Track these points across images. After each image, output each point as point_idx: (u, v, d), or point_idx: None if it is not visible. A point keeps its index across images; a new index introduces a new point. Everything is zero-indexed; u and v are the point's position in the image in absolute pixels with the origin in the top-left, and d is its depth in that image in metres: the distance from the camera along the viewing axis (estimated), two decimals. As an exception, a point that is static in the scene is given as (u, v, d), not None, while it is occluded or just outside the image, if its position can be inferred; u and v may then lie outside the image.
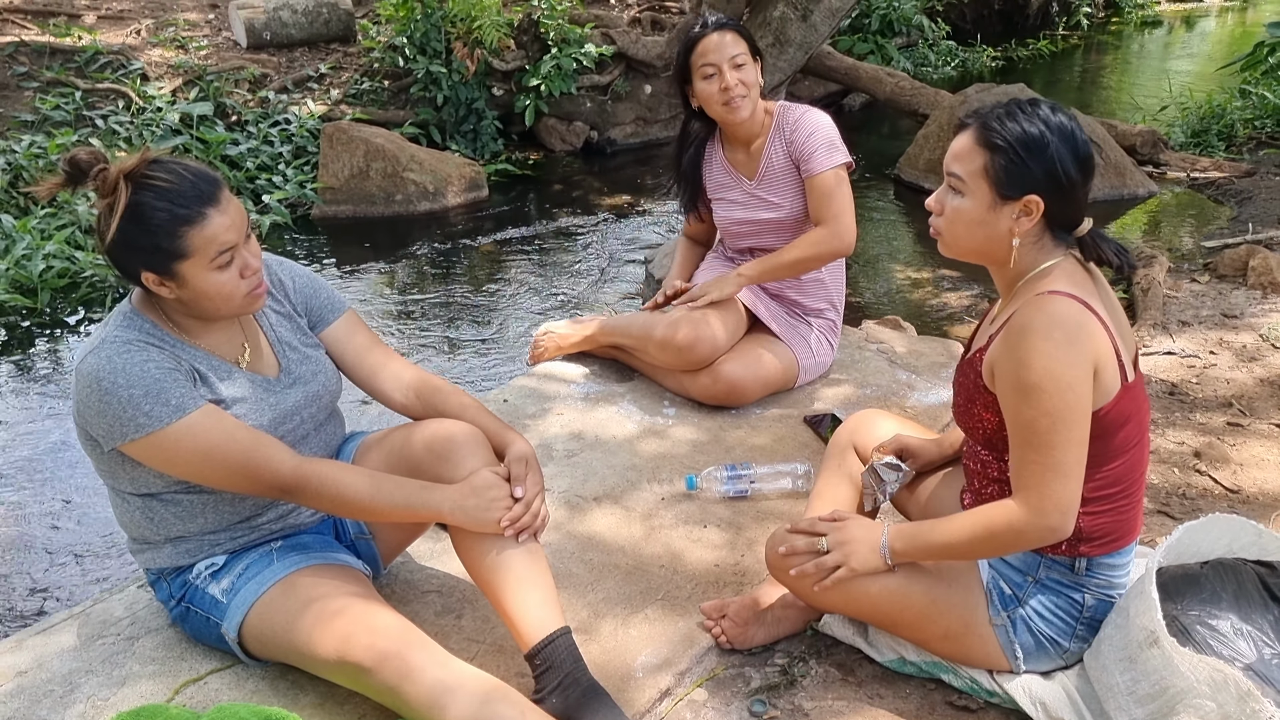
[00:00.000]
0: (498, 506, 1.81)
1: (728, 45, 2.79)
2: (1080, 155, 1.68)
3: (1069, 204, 1.72)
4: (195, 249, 1.69)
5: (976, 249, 1.78)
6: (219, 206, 1.71)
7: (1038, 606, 1.80)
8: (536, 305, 4.80)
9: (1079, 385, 1.61)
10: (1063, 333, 1.62)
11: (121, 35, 7.46)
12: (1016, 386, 1.65)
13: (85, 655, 1.95)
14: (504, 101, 7.26)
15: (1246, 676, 1.51)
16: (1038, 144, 1.67)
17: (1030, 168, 1.68)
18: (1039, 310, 1.64)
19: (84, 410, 1.73)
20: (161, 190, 1.67)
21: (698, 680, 1.98)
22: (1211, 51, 11.18)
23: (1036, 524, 1.66)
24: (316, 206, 5.97)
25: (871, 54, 9.01)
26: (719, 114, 2.88)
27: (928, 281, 4.88)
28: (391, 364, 2.07)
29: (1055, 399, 1.61)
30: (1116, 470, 1.73)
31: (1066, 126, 1.69)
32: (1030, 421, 1.64)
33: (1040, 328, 1.62)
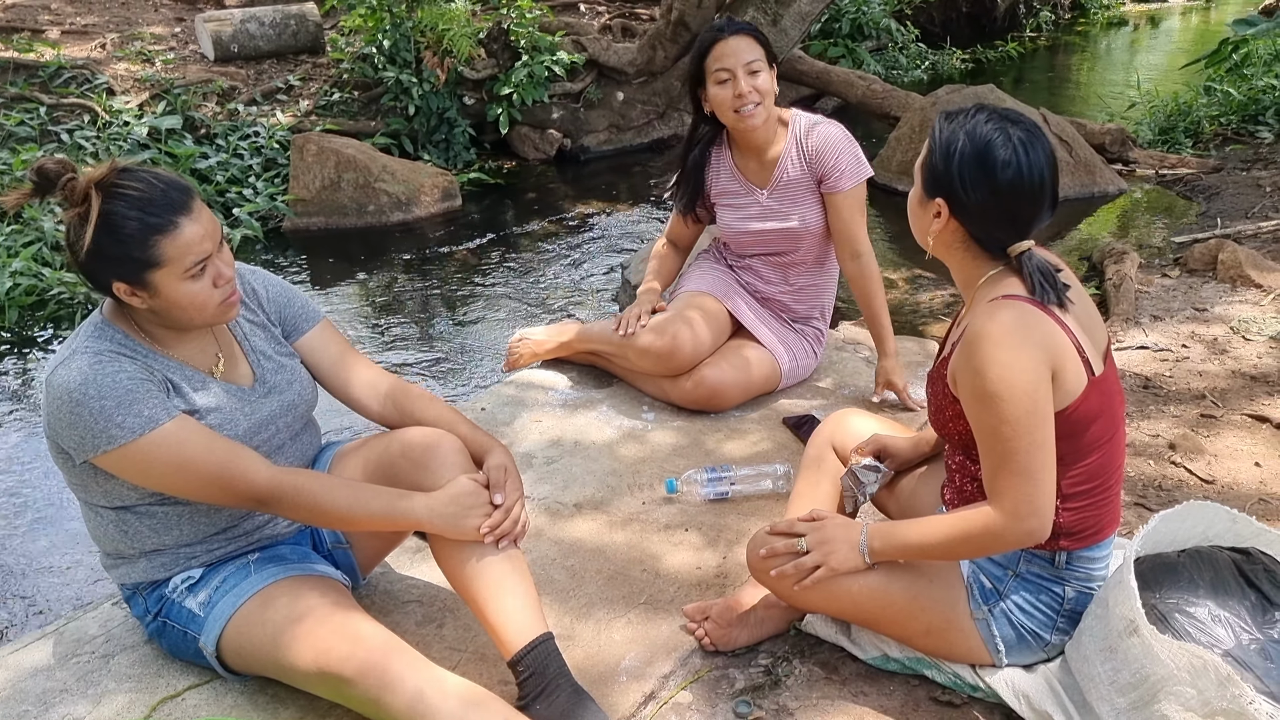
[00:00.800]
0: (477, 514, 1.80)
1: (743, 51, 2.73)
2: (993, 178, 1.64)
3: (978, 222, 1.70)
4: (168, 258, 1.67)
5: (918, 238, 1.83)
6: (191, 215, 1.69)
7: (1019, 600, 1.81)
8: (512, 314, 4.78)
9: (1037, 389, 1.61)
10: (1015, 338, 1.61)
11: (86, 50, 7.39)
12: (976, 395, 1.65)
13: (60, 674, 1.92)
14: (476, 110, 7.24)
15: (1225, 662, 1.52)
16: (947, 153, 1.68)
17: (940, 173, 1.70)
18: (990, 317, 1.64)
19: (55, 423, 1.70)
20: (132, 199, 1.65)
21: (682, 683, 1.97)
22: (1176, 50, 11.31)
23: (1013, 528, 1.66)
24: (288, 219, 5.93)
25: (843, 58, 9.05)
26: (730, 121, 2.82)
27: (904, 282, 4.90)
28: (367, 372, 2.05)
29: (1014, 406, 1.61)
30: (1092, 465, 1.74)
31: (985, 142, 1.65)
32: (993, 429, 1.64)
33: (992, 335, 1.62)
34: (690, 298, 3.02)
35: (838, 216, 2.88)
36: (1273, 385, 3.15)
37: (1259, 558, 1.72)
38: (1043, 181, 1.66)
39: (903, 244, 5.47)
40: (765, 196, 2.94)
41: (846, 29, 9.40)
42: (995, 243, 1.72)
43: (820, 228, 2.94)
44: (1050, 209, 1.71)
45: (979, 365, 1.63)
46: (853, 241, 2.89)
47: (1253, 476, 2.65)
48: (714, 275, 3.10)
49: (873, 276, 2.92)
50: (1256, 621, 1.62)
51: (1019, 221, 1.69)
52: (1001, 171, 1.64)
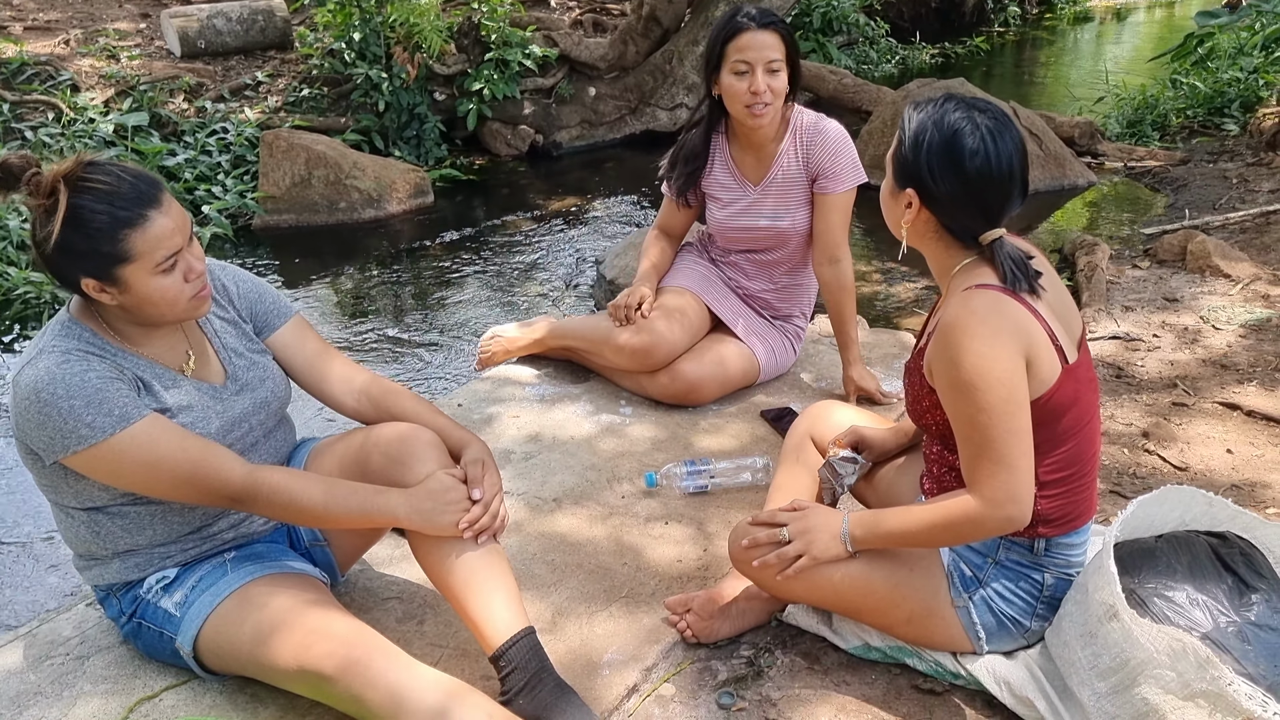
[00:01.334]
0: (455, 509, 1.78)
1: (768, 47, 2.67)
2: (961, 167, 1.65)
3: (948, 212, 1.71)
4: (138, 253, 1.64)
5: (891, 229, 1.83)
6: (160, 208, 1.66)
7: (998, 588, 1.81)
8: (486, 310, 4.76)
9: (1011, 377, 1.62)
10: (988, 327, 1.62)
11: (50, 46, 7.28)
12: (952, 385, 1.66)
13: (33, 677, 1.89)
14: (446, 106, 7.19)
15: (1204, 645, 1.53)
16: (915, 143, 1.69)
17: (910, 163, 1.70)
18: (963, 306, 1.65)
19: (23, 424, 1.67)
20: (101, 193, 1.62)
21: (665, 675, 1.97)
22: (1142, 44, 11.43)
23: (993, 515, 1.66)
24: (258, 216, 5.87)
25: (813, 52, 9.08)
26: (739, 114, 2.77)
27: (877, 275, 4.92)
28: (341, 368, 2.03)
29: (989, 394, 1.61)
30: (1068, 453, 1.75)
31: (953, 131, 1.65)
32: (969, 418, 1.65)
33: (965, 325, 1.63)
34: (669, 294, 3.01)
35: (822, 218, 2.86)
36: (1243, 373, 3.19)
37: (1235, 541, 1.74)
38: (1011, 169, 1.67)
39: (877, 237, 5.49)
40: (756, 193, 2.92)
41: (817, 23, 9.43)
42: (966, 232, 1.73)
43: (809, 228, 2.92)
44: (1020, 197, 1.71)
45: (954, 355, 1.64)
46: (833, 247, 2.87)
47: (1225, 463, 2.68)
48: (695, 271, 3.08)
49: (846, 286, 2.89)
50: (1234, 604, 1.64)
51: (989, 210, 1.70)
52: (970, 160, 1.65)
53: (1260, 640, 1.58)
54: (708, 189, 3.01)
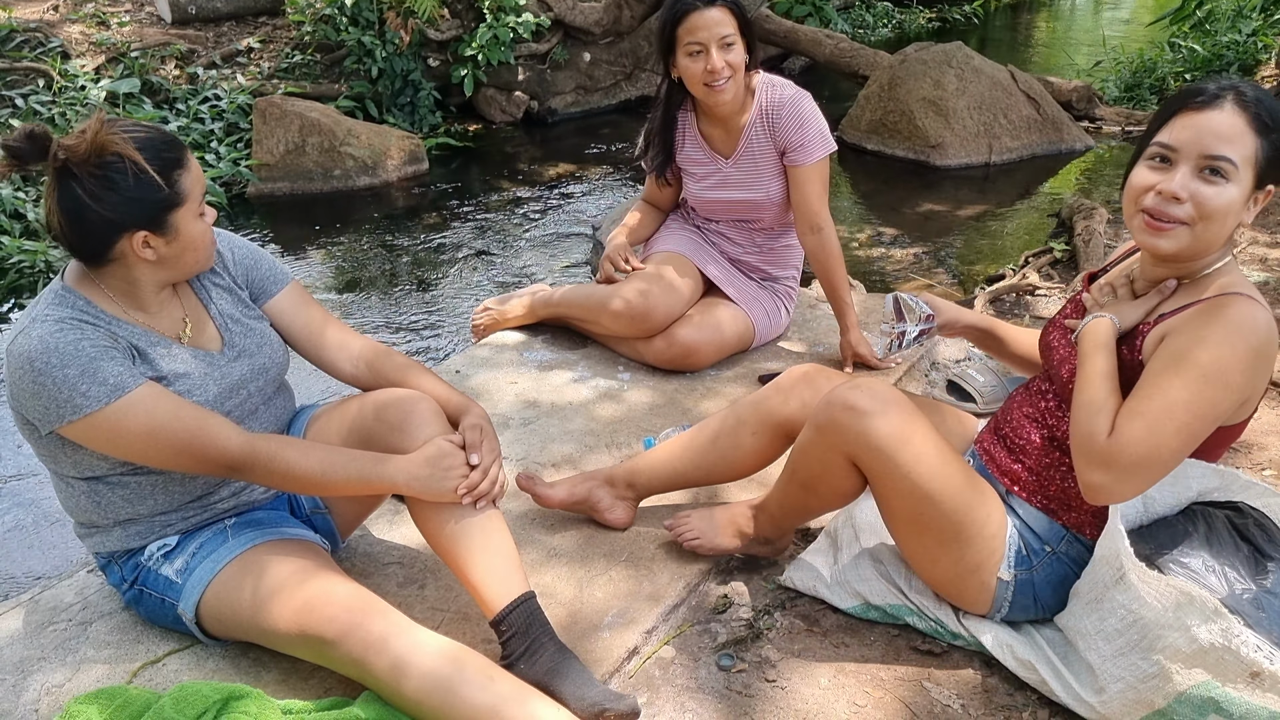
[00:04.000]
0: (454, 475, 1.78)
1: (718, 24, 2.65)
2: None
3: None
4: (188, 193, 1.70)
5: (1219, 240, 1.62)
6: (189, 151, 1.73)
7: (1047, 575, 1.81)
8: (481, 277, 4.75)
9: (1234, 392, 1.54)
10: (1259, 342, 1.54)
11: (38, 12, 7.20)
12: (1178, 355, 1.55)
13: (36, 642, 1.90)
14: (440, 73, 7.14)
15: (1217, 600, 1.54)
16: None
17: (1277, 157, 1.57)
18: (1249, 309, 1.55)
19: (18, 393, 1.66)
20: (145, 140, 1.65)
21: (665, 638, 1.98)
22: (1140, 7, 11.35)
23: (1097, 467, 1.56)
24: (252, 184, 5.83)
25: (810, 16, 8.99)
26: (700, 93, 2.77)
27: (871, 240, 4.91)
28: (339, 334, 2.02)
29: (1206, 388, 1.52)
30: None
31: None
32: (1166, 389, 1.54)
33: (1243, 324, 1.54)
34: (661, 258, 3.01)
35: (798, 190, 2.85)
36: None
37: (1249, 512, 1.74)
38: None
39: (872, 202, 5.48)
40: (729, 166, 2.92)
41: (813, -13, 9.33)
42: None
43: (783, 198, 2.92)
44: None
45: (1209, 335, 1.53)
46: (812, 216, 2.85)
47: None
48: (684, 236, 3.09)
49: (832, 252, 2.88)
50: (1250, 573, 1.64)
51: None
52: None
53: (1275, 608, 1.58)
54: (682, 164, 3.03)
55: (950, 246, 4.80)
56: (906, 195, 5.52)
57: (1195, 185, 1.56)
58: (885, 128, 6.13)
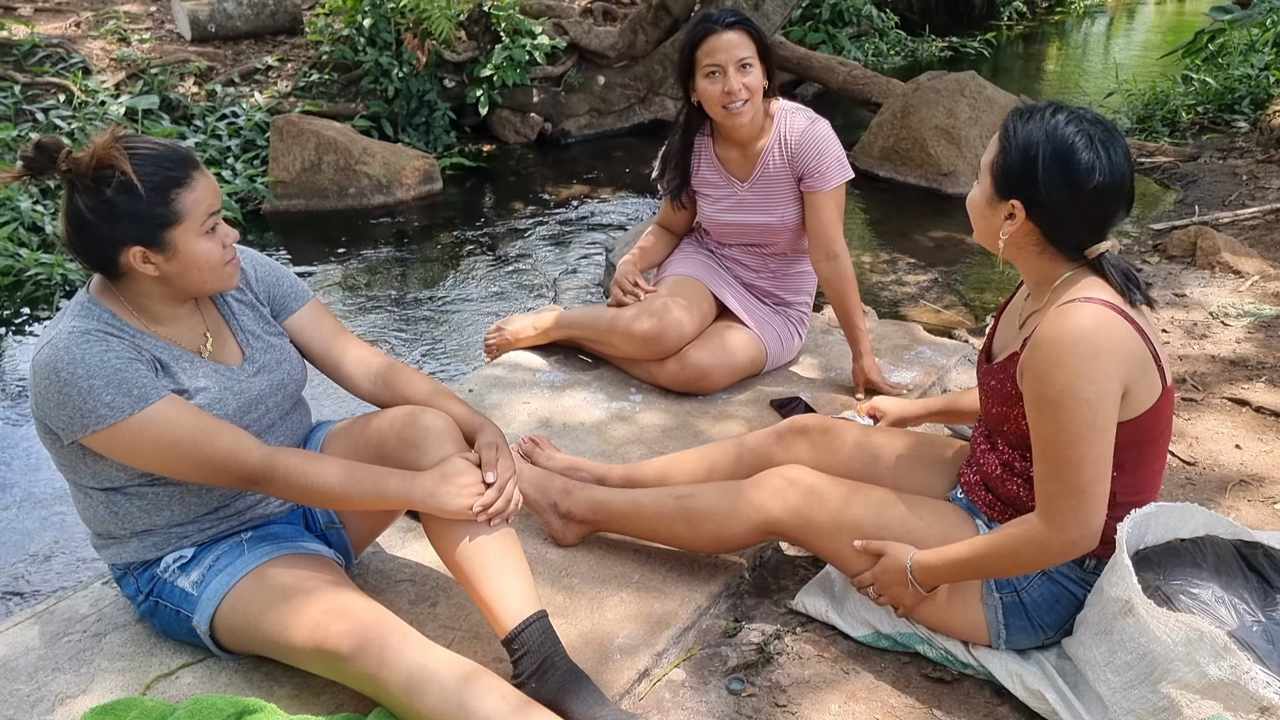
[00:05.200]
0: (469, 493, 1.79)
1: (736, 46, 2.69)
2: (1074, 180, 1.60)
3: (1056, 224, 1.66)
4: (187, 212, 1.68)
5: (983, 238, 1.78)
6: (199, 170, 1.72)
7: (1038, 596, 1.81)
8: (495, 297, 4.77)
9: (1101, 402, 1.57)
10: (1087, 346, 1.57)
11: (61, 28, 7.29)
12: (1037, 399, 1.62)
13: (51, 653, 1.91)
14: (456, 93, 7.19)
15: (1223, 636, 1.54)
16: (1026, 155, 1.63)
17: (1017, 174, 1.65)
18: (1065, 320, 1.60)
19: (42, 403, 1.68)
20: (147, 156, 1.66)
21: (675, 660, 1.98)
22: (1151, 39, 11.40)
23: (1059, 540, 1.64)
24: (267, 201, 5.88)
25: (823, 44, 9.06)
26: (718, 116, 2.79)
27: (886, 266, 4.92)
28: (357, 351, 2.04)
29: (1075, 416, 1.57)
30: (1151, 472, 1.74)
31: (1068, 144, 1.61)
32: (1049, 437, 1.61)
33: (1064, 340, 1.58)
34: (674, 281, 3.03)
35: (815, 216, 2.87)
36: (1252, 369, 3.20)
37: (1258, 544, 1.74)
38: (1124, 182, 1.63)
39: (884, 229, 5.50)
40: (744, 190, 2.94)
41: (827, 14, 9.40)
42: (1072, 245, 1.68)
43: (798, 223, 2.94)
44: (1127, 208, 1.68)
45: (1046, 370, 1.59)
46: (828, 242, 2.87)
47: (1234, 458, 2.69)
48: (697, 259, 3.11)
49: (847, 278, 2.89)
50: (1259, 604, 1.63)
51: (1099, 223, 1.66)
52: (1085, 174, 1.60)
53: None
54: (698, 187, 3.04)
55: (961, 274, 4.81)
56: (918, 222, 5.54)
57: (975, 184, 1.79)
58: (898, 155, 6.16)
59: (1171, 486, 2.57)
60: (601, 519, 2.20)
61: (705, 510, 2.05)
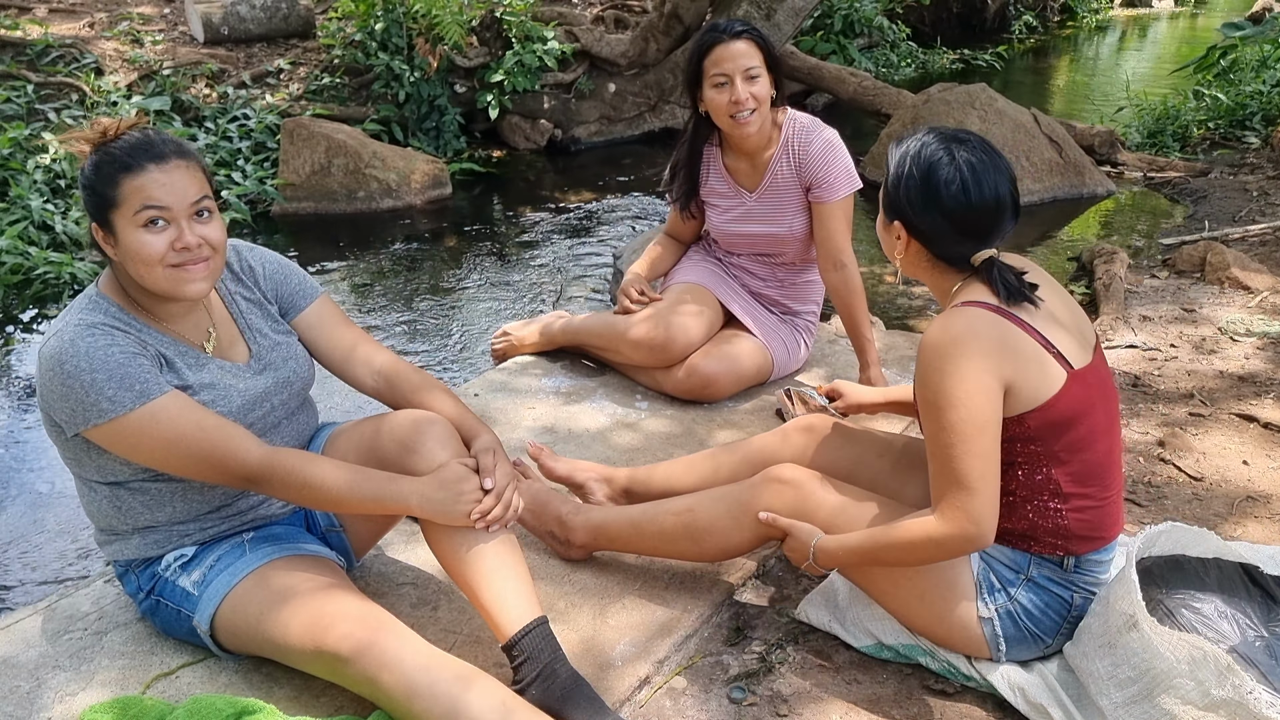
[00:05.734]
0: (467, 499, 1.78)
1: (743, 56, 2.69)
2: (939, 199, 1.69)
3: (934, 242, 1.75)
4: (122, 198, 1.68)
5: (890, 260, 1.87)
6: (162, 164, 1.69)
7: (1027, 604, 1.81)
8: (502, 302, 4.77)
9: (976, 397, 1.63)
10: (959, 347, 1.64)
11: (74, 28, 7.32)
12: (921, 402, 1.70)
13: (51, 650, 1.91)
14: (466, 99, 7.21)
15: (1227, 655, 1.53)
16: (898, 177, 1.74)
17: (893, 197, 1.76)
18: (938, 327, 1.68)
19: (47, 395, 1.69)
20: (124, 143, 1.69)
21: (676, 668, 1.97)
22: (1163, 55, 11.39)
23: (950, 535, 1.68)
24: (277, 203, 5.89)
25: (834, 54, 9.07)
26: (726, 125, 2.79)
27: (891, 277, 4.91)
28: (365, 348, 2.03)
29: (951, 414, 1.64)
30: (1088, 463, 1.74)
31: (929, 163, 1.70)
32: (934, 436, 1.68)
33: (937, 343, 1.66)
34: (682, 289, 3.02)
35: (822, 226, 2.87)
36: (1260, 385, 3.18)
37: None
38: (994, 198, 1.70)
39: (893, 240, 5.48)
40: (752, 200, 2.93)
41: (838, 25, 9.41)
42: (957, 257, 1.76)
43: (806, 234, 2.93)
44: (1012, 218, 1.74)
45: (923, 373, 1.68)
46: (836, 252, 2.87)
47: (1240, 475, 2.68)
48: (705, 267, 3.10)
49: (855, 289, 2.89)
50: (1261, 619, 1.63)
51: (976, 235, 1.73)
52: (946, 190, 1.69)
53: (1288, 657, 1.58)
54: (706, 197, 3.04)
55: (969, 286, 4.79)
56: (927, 234, 5.51)
57: None
58: (907, 166, 6.15)
59: (1178, 502, 2.55)
60: (603, 541, 2.18)
61: (707, 523, 2.04)
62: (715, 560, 2.16)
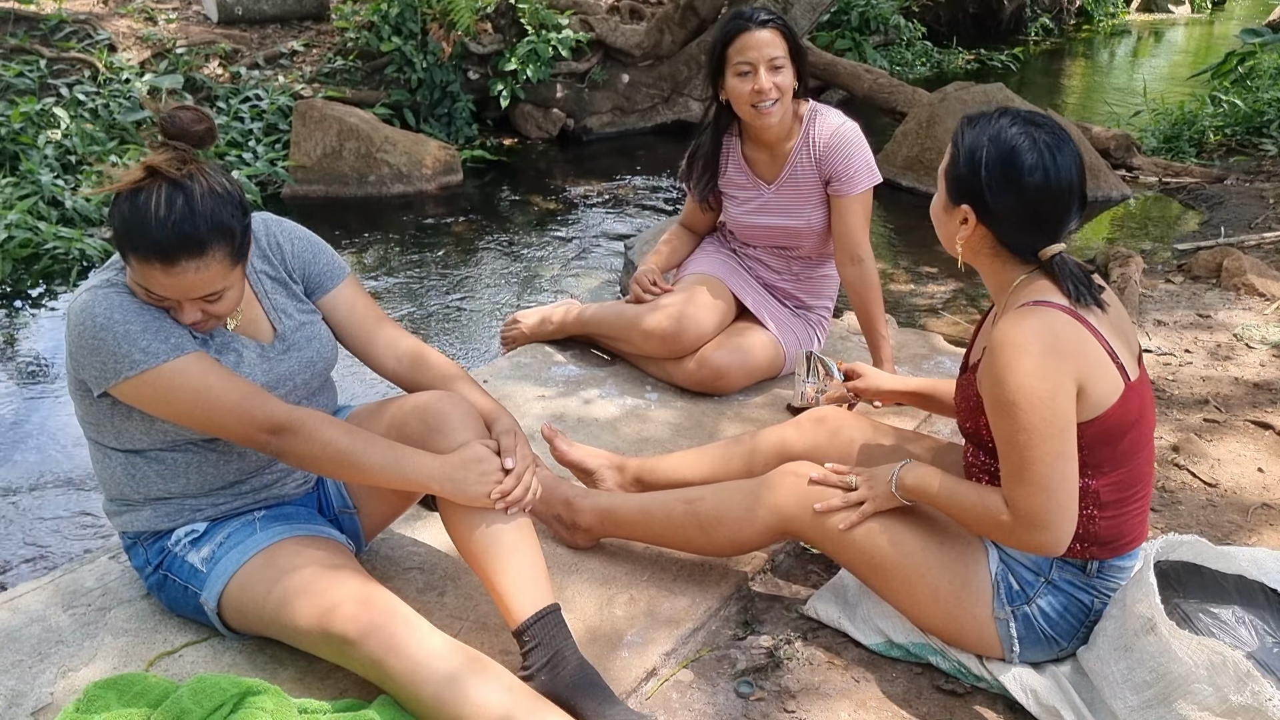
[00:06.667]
0: (488, 479, 1.76)
1: (768, 45, 2.65)
2: (1020, 183, 1.64)
3: (1006, 228, 1.70)
4: (148, 277, 1.65)
5: (945, 245, 1.81)
6: (169, 267, 1.63)
7: (1045, 606, 1.79)
8: (512, 290, 4.75)
9: (1056, 399, 1.59)
10: (1039, 346, 1.60)
11: (88, 4, 7.30)
12: (995, 403, 1.65)
13: (55, 625, 1.89)
14: (479, 86, 7.18)
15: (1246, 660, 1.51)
16: (971, 160, 1.67)
17: (965, 179, 1.69)
18: (1015, 324, 1.63)
19: (77, 351, 1.68)
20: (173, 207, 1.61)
21: (684, 661, 1.96)
22: (1179, 60, 11.34)
23: (1023, 536, 1.67)
24: (287, 185, 5.88)
25: (849, 50, 9.03)
26: (747, 115, 2.75)
27: (907, 276, 4.89)
28: (389, 330, 2.02)
29: (1031, 415, 1.60)
30: (1128, 473, 1.73)
31: (1011, 147, 1.64)
32: (1010, 438, 1.64)
33: (1016, 342, 1.61)
34: (695, 280, 3.00)
35: (840, 219, 2.84)
36: (1275, 393, 3.16)
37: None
38: (1070, 184, 1.66)
39: (906, 238, 5.47)
40: (771, 192, 2.90)
41: (855, 22, 9.38)
42: (1025, 247, 1.71)
43: (824, 227, 2.91)
44: (1079, 211, 1.70)
45: (1000, 372, 1.62)
46: (854, 246, 2.84)
47: (1255, 482, 2.66)
48: (719, 259, 3.08)
49: (871, 284, 2.86)
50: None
51: (1048, 225, 1.68)
52: (1029, 176, 1.63)
53: (1306, 664, 1.56)
54: (724, 188, 3.01)
55: (983, 287, 4.76)
56: (939, 233, 5.49)
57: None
58: (922, 164, 6.12)
59: (1192, 508, 2.53)
60: (610, 527, 2.16)
61: (717, 515, 2.01)
62: (724, 554, 2.13)
